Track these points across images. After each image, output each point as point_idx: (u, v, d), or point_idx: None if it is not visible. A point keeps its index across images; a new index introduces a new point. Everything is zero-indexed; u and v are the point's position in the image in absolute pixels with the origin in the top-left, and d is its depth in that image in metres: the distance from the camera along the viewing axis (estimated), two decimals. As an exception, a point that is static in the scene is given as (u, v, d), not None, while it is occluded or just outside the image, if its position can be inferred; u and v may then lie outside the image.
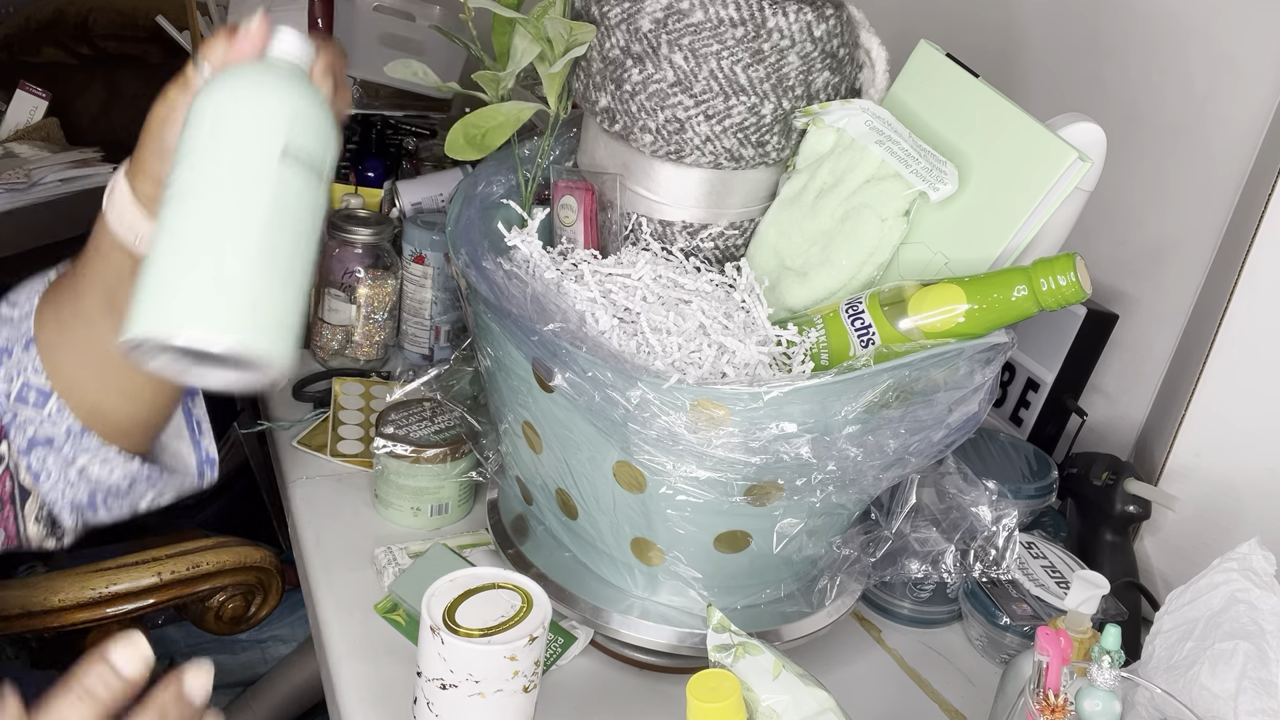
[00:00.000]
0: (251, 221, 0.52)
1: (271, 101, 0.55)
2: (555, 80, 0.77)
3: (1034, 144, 0.68)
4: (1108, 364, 1.03)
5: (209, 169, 0.53)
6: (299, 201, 0.54)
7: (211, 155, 0.53)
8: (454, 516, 0.92)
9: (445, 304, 1.11)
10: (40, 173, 1.79)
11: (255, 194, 0.52)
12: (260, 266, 0.51)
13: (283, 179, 0.53)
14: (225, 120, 0.54)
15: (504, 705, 0.64)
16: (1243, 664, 0.60)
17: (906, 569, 0.76)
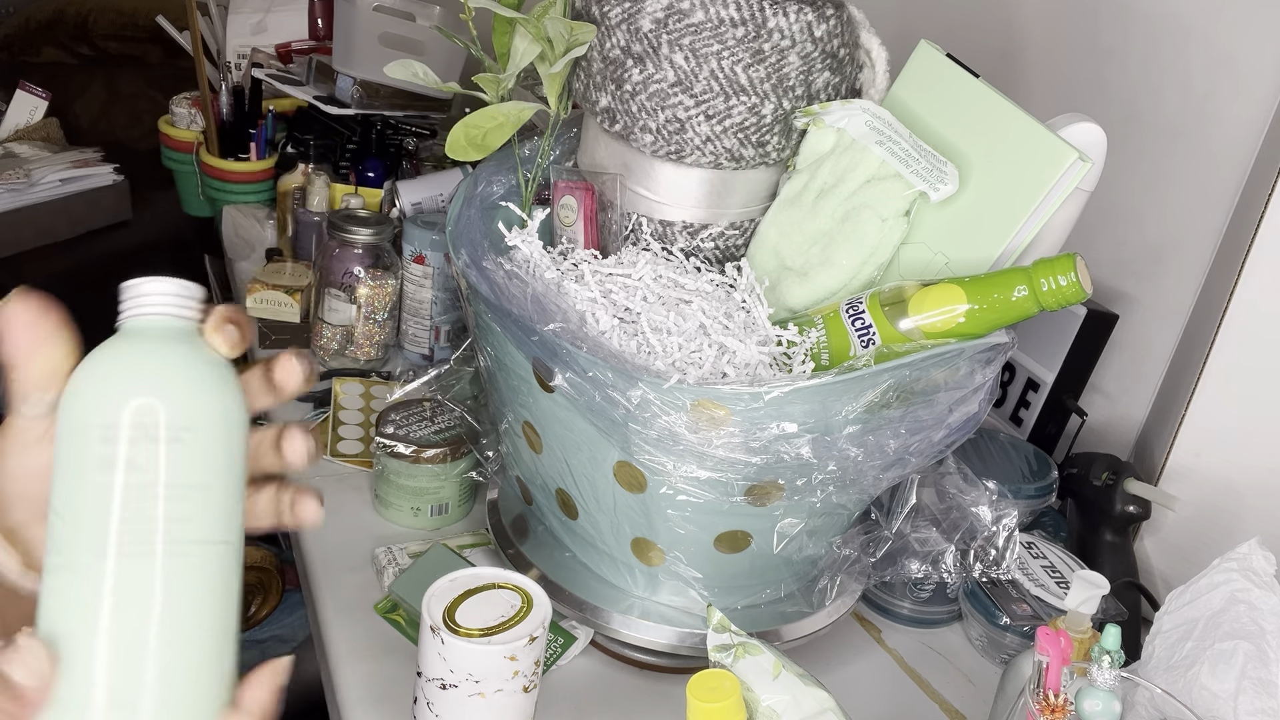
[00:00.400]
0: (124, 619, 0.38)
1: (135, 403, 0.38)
2: (555, 80, 0.77)
3: (1034, 144, 0.68)
4: (1108, 364, 1.03)
5: (69, 533, 0.38)
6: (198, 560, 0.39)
7: (66, 513, 0.39)
8: (454, 516, 0.92)
9: (445, 304, 1.11)
10: (40, 173, 1.79)
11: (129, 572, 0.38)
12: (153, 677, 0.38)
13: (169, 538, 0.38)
14: (66, 451, 0.39)
15: (504, 705, 0.64)
16: (1243, 664, 0.60)
17: (906, 569, 0.76)
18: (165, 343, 0.41)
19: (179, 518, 0.39)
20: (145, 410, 0.38)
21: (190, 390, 0.40)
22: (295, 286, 1.17)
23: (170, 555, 0.38)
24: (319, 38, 1.71)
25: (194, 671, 0.39)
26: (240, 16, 1.67)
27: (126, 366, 0.40)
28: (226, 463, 0.40)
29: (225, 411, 0.40)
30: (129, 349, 0.40)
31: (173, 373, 0.40)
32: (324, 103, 1.41)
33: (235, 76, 1.66)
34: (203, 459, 0.39)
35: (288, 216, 1.33)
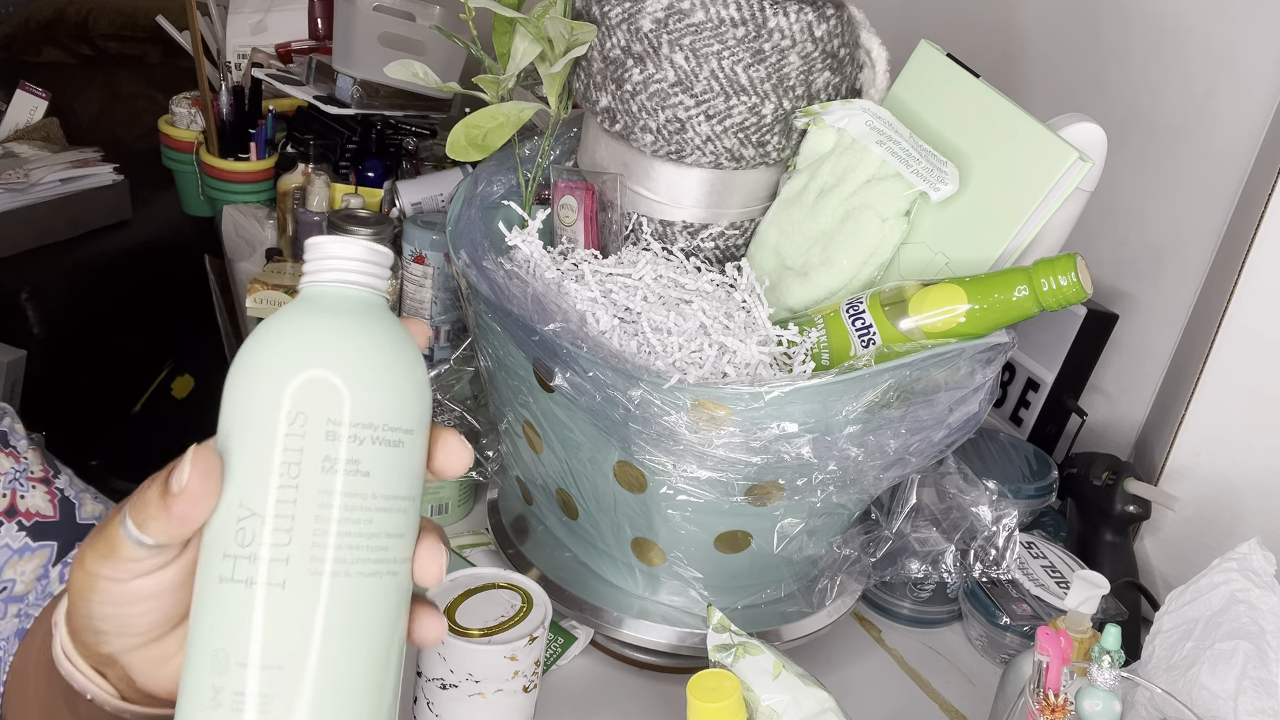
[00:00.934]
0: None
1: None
2: (556, 80, 0.77)
3: (1035, 144, 0.68)
4: (1108, 364, 1.03)
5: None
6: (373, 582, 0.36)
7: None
8: (454, 516, 0.92)
9: (445, 304, 1.11)
10: (40, 173, 1.79)
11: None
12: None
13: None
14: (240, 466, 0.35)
15: (504, 705, 0.64)
16: (1243, 664, 0.60)
17: (906, 569, 0.76)
18: (388, 328, 0.36)
19: (391, 532, 0.36)
20: (373, 409, 0.35)
21: (415, 389, 0.36)
22: (295, 287, 1.17)
23: (373, 576, 0.35)
24: (319, 38, 1.71)
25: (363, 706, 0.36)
26: (240, 16, 1.67)
27: (350, 350, 0.35)
28: (422, 473, 0.37)
29: (429, 412, 0.37)
30: (349, 329, 0.36)
31: (401, 369, 0.36)
32: (324, 103, 1.41)
33: (235, 76, 1.66)
34: (414, 467, 0.36)
35: (288, 216, 1.33)
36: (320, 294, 0.37)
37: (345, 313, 0.36)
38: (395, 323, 0.37)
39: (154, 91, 2.21)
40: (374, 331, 0.36)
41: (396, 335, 0.36)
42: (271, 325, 0.36)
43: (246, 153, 1.44)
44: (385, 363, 0.35)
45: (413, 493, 0.36)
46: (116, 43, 2.34)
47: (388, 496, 0.35)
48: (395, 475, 0.35)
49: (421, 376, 0.36)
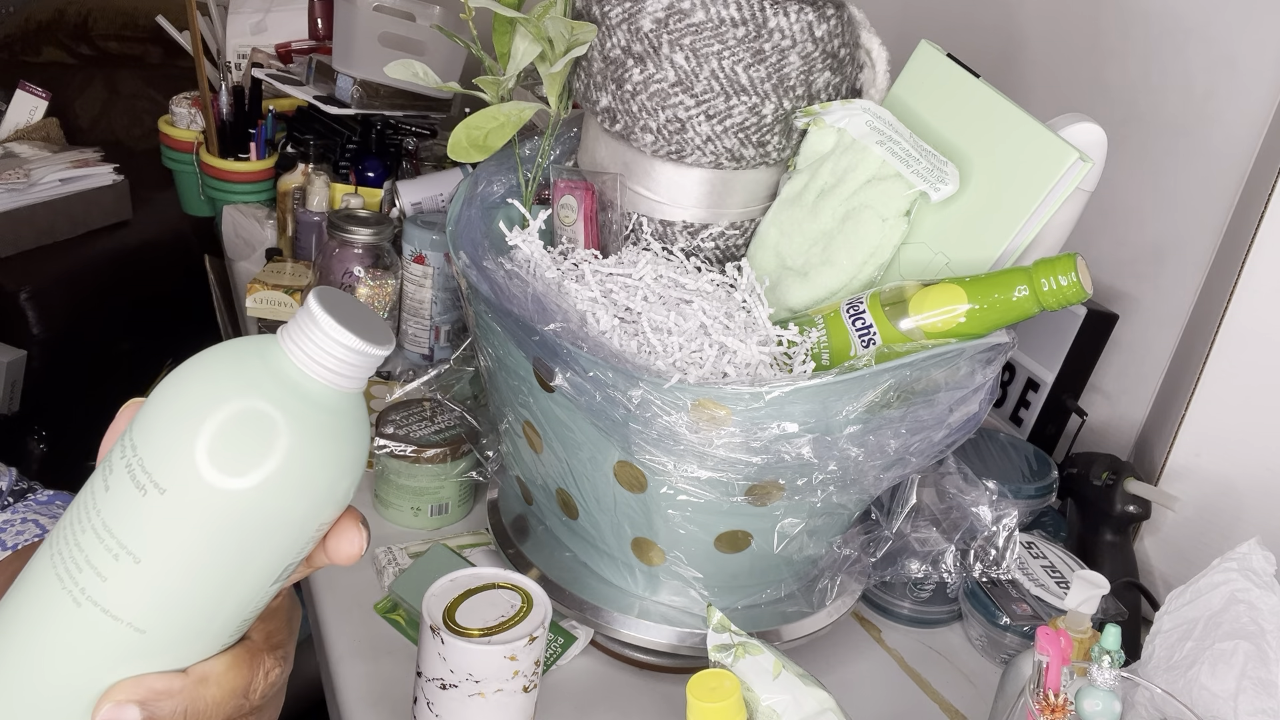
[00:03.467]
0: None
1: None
2: (556, 80, 0.77)
3: (1035, 144, 0.68)
4: (1108, 364, 1.03)
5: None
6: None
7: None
8: (454, 516, 0.92)
9: (445, 304, 1.11)
10: (40, 173, 1.79)
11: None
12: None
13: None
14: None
15: (504, 705, 0.64)
16: (1243, 664, 0.60)
17: (906, 569, 0.76)
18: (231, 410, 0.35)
19: (91, 560, 0.36)
20: (141, 436, 0.35)
21: (191, 456, 0.35)
22: (295, 286, 1.17)
23: (60, 587, 0.36)
24: (319, 38, 1.71)
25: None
26: (240, 16, 1.67)
27: (157, 400, 0.36)
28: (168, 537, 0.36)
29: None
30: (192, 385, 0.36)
31: (200, 438, 0.35)
32: (324, 103, 1.41)
33: (235, 76, 1.66)
34: (152, 523, 0.35)
35: (288, 216, 1.33)
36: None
37: (238, 355, 0.36)
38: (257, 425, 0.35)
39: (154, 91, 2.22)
40: (212, 372, 0.36)
41: (238, 395, 0.35)
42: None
43: (246, 153, 1.44)
44: (178, 400, 0.35)
45: (139, 550, 0.35)
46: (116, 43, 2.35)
47: (106, 527, 0.35)
48: (123, 512, 0.35)
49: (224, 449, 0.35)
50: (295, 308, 1.16)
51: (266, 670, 0.39)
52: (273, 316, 1.16)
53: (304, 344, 0.35)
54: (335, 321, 0.35)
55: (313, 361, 0.35)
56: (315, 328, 0.35)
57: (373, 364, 0.36)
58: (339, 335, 0.35)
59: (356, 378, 0.36)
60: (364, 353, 0.35)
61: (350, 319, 0.36)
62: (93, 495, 0.36)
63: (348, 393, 0.36)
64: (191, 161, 1.49)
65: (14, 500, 0.73)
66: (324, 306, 0.35)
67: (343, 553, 0.39)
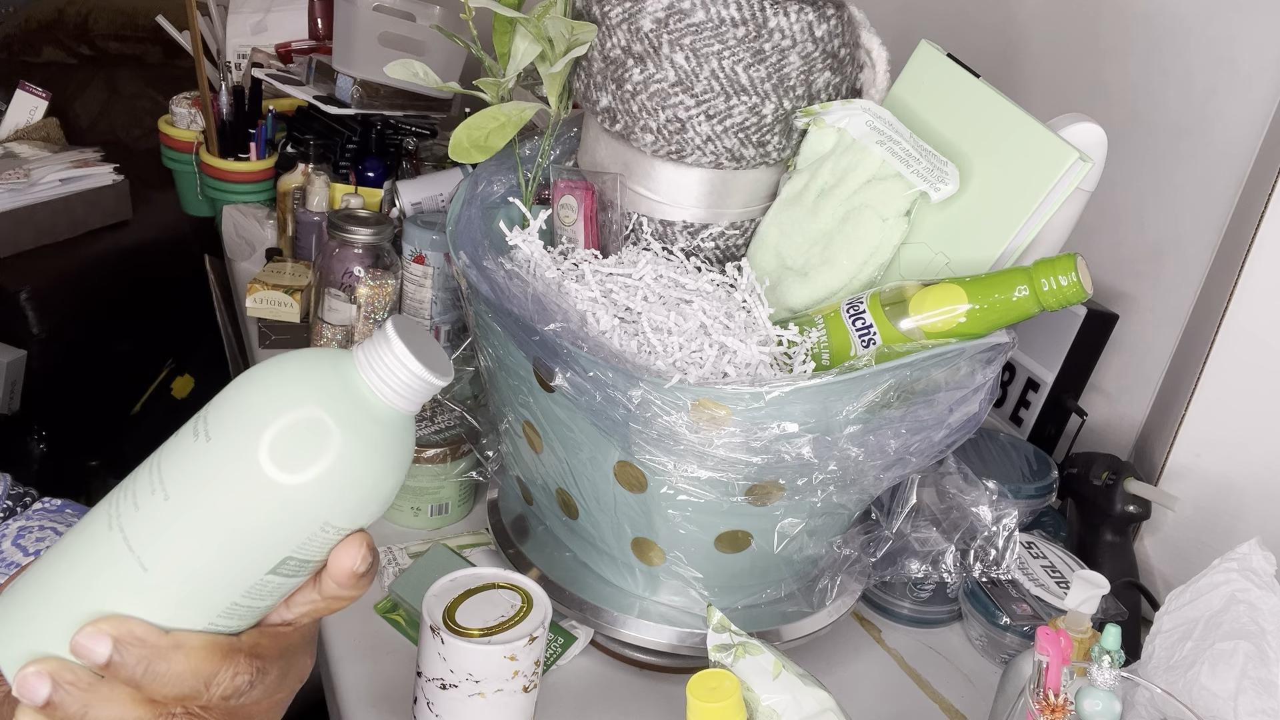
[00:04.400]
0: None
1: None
2: (556, 80, 0.77)
3: (1035, 144, 0.68)
4: (1108, 364, 1.03)
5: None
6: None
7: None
8: (454, 516, 0.92)
9: (445, 304, 1.11)
10: (40, 173, 1.79)
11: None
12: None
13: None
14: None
15: (504, 705, 0.64)
16: (1243, 664, 0.60)
17: (906, 569, 0.75)
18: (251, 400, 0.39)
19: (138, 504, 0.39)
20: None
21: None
22: (295, 286, 1.17)
23: (105, 525, 0.39)
24: (319, 38, 1.71)
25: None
26: (240, 16, 1.67)
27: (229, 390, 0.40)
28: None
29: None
30: (248, 383, 0.39)
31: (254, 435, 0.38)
32: (324, 103, 1.41)
33: (235, 76, 1.66)
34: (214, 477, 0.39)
35: (288, 216, 1.33)
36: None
37: (315, 363, 0.40)
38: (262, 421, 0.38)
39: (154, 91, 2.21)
40: (290, 369, 0.39)
41: (304, 394, 0.39)
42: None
43: (246, 153, 1.44)
44: (259, 381, 0.39)
45: (171, 488, 0.38)
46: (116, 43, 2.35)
47: (158, 465, 0.39)
48: (175, 453, 0.39)
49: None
50: (295, 307, 1.16)
51: (236, 672, 0.40)
52: (273, 316, 1.16)
53: (375, 364, 0.39)
54: (407, 348, 0.39)
55: (380, 380, 0.39)
56: (389, 351, 0.39)
57: (431, 391, 0.40)
58: (408, 362, 0.39)
59: (414, 401, 0.40)
60: (427, 380, 0.39)
61: (419, 348, 0.39)
62: (163, 446, 0.40)
63: (403, 414, 0.40)
64: (191, 161, 1.49)
65: (13, 504, 0.73)
66: (399, 333, 0.39)
67: (339, 566, 0.40)
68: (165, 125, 1.53)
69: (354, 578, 0.40)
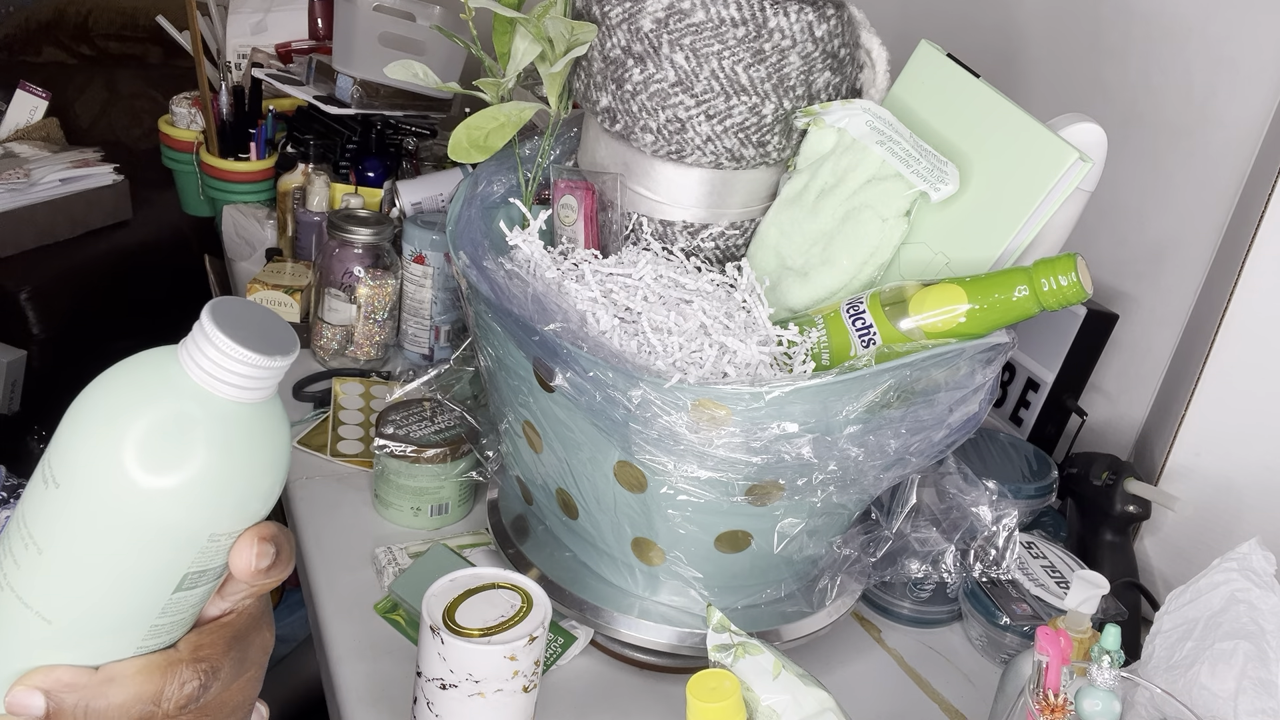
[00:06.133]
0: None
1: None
2: (556, 80, 0.77)
3: (1035, 144, 0.68)
4: (1108, 364, 1.03)
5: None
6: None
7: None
8: (454, 516, 0.92)
9: (445, 304, 1.11)
10: (40, 173, 1.79)
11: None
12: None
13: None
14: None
15: (504, 705, 0.64)
16: (1243, 664, 0.60)
17: (906, 569, 0.75)
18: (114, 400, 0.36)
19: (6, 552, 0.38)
20: (56, 444, 0.36)
21: (95, 450, 0.35)
22: (295, 286, 1.17)
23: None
24: (319, 38, 1.71)
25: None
26: (240, 16, 1.67)
27: (83, 399, 0.36)
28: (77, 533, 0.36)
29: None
30: (104, 389, 0.36)
31: (97, 428, 0.35)
32: (324, 103, 1.41)
33: (235, 76, 1.66)
34: (61, 516, 0.36)
35: (288, 216, 1.33)
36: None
37: (139, 367, 0.36)
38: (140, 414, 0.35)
39: (154, 91, 2.21)
40: (112, 384, 0.36)
41: (131, 404, 0.35)
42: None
43: (246, 153, 1.44)
44: (81, 406, 0.36)
45: (40, 539, 0.36)
46: (116, 43, 2.34)
47: (22, 518, 0.37)
48: (34, 505, 0.36)
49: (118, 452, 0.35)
50: (295, 307, 1.16)
51: (183, 682, 0.39)
52: (273, 316, 1.16)
53: (201, 361, 0.35)
54: (229, 337, 0.34)
55: (212, 378, 0.35)
56: (208, 344, 0.34)
57: (274, 375, 0.35)
58: (233, 351, 0.34)
59: (260, 389, 0.36)
60: (262, 365, 0.35)
61: (249, 330, 0.35)
62: (23, 497, 0.38)
63: (252, 404, 0.36)
64: (191, 161, 1.48)
65: (8, 496, 0.73)
66: (218, 320, 0.34)
67: (238, 566, 0.38)
68: (165, 125, 1.53)
69: (260, 574, 0.39)
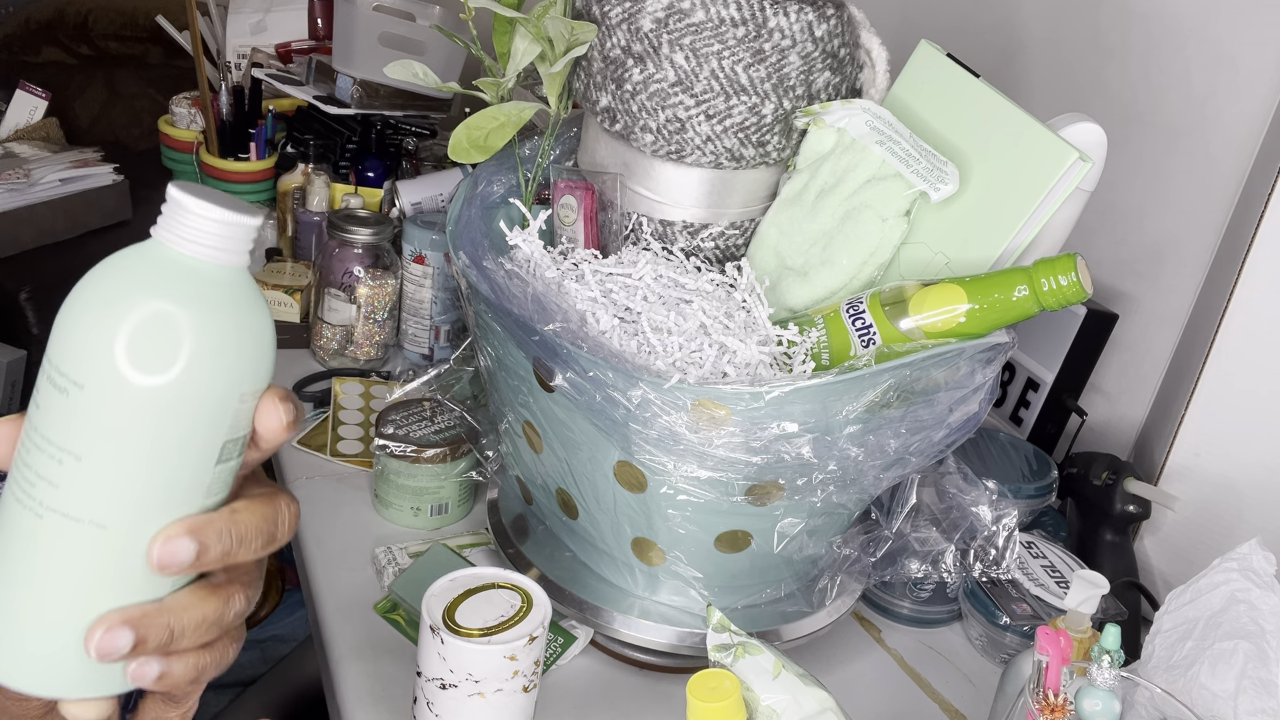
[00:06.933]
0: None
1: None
2: (556, 80, 0.77)
3: (1035, 144, 0.68)
4: (1108, 364, 1.03)
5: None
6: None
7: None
8: (454, 516, 0.92)
9: (445, 304, 1.11)
10: (40, 173, 1.79)
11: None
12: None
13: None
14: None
15: (504, 705, 0.64)
16: (1243, 664, 0.60)
17: (906, 569, 0.76)
18: (126, 283, 0.37)
19: (40, 473, 0.37)
20: (54, 347, 0.37)
21: (97, 345, 0.37)
22: (295, 286, 1.17)
23: (19, 505, 0.38)
24: (319, 38, 1.71)
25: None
26: (240, 16, 1.67)
27: (75, 295, 0.38)
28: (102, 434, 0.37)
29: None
30: (98, 275, 0.38)
31: (90, 321, 0.37)
32: (324, 103, 1.41)
33: (235, 76, 1.66)
34: (82, 420, 0.37)
35: (288, 216, 1.33)
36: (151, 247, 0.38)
37: (123, 265, 0.38)
38: (156, 291, 0.37)
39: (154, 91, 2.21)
40: (105, 280, 0.38)
41: (134, 291, 0.37)
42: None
43: (246, 153, 1.44)
44: (80, 308, 0.37)
45: (76, 448, 0.36)
46: (116, 43, 2.34)
47: (44, 437, 0.37)
48: (54, 418, 0.37)
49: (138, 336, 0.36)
50: (295, 307, 1.16)
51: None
52: (274, 317, 1.16)
53: (179, 230, 0.37)
54: (203, 201, 0.37)
55: (192, 244, 0.37)
56: (185, 212, 0.37)
57: (248, 234, 0.37)
58: (209, 212, 0.36)
59: (236, 250, 0.38)
60: (238, 224, 0.37)
61: (214, 199, 0.37)
62: (30, 420, 0.38)
63: (232, 266, 0.38)
64: (191, 161, 1.48)
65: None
66: (187, 192, 0.37)
67: (268, 426, 0.40)
68: (165, 125, 1.53)
69: (288, 429, 0.40)
